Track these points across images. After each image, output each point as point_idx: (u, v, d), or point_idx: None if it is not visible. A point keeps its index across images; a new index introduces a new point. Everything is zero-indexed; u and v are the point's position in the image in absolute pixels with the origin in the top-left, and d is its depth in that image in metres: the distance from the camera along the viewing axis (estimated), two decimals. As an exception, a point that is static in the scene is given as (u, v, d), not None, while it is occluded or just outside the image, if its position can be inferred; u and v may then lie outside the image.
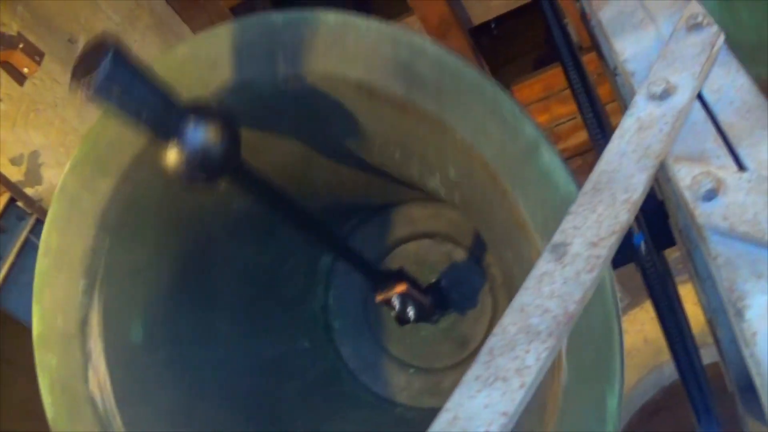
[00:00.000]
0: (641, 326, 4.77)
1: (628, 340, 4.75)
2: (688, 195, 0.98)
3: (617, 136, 1.10)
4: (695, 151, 1.06)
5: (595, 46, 1.61)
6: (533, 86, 4.20)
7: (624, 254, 1.46)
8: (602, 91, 1.87)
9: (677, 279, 1.58)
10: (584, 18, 1.65)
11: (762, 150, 1.02)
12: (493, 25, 4.73)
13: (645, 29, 1.31)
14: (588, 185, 1.05)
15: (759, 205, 0.93)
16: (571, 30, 3.15)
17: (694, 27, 1.23)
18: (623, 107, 1.28)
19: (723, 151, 1.05)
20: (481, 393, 0.89)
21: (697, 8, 1.27)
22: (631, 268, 1.48)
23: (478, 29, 4.28)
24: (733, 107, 1.10)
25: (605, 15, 1.38)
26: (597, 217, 1.00)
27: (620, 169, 1.05)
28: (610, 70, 1.44)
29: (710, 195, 0.97)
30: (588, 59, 1.99)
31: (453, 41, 3.82)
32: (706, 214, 0.96)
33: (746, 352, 0.90)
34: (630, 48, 1.29)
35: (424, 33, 3.84)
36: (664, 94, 1.12)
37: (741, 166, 1.02)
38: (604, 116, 1.68)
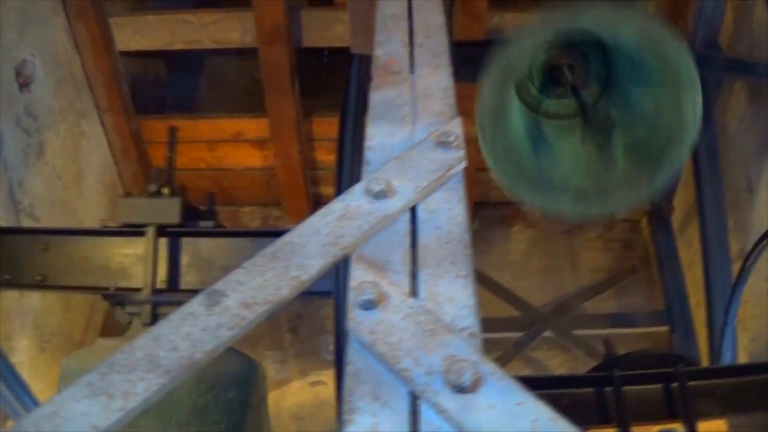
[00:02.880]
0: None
1: (327, 391, 4.80)
2: (350, 296, 0.99)
3: (320, 214, 1.10)
4: (381, 259, 1.07)
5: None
6: (332, 124, 4.21)
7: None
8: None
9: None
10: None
11: (439, 284, 1.03)
12: (325, 53, 4.75)
13: (402, 126, 1.32)
14: (270, 248, 1.05)
15: (407, 333, 0.95)
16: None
17: (443, 144, 1.24)
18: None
19: (405, 270, 1.06)
20: (86, 400, 0.91)
21: (456, 128, 1.29)
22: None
23: (312, 51, 4.29)
24: (436, 233, 1.11)
25: (376, 97, 1.38)
26: (262, 282, 1.00)
27: (306, 246, 1.05)
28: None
29: (368, 305, 0.97)
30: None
31: (276, 52, 3.80)
32: (357, 321, 0.96)
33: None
34: (379, 137, 1.29)
35: (254, 32, 3.79)
36: (381, 195, 1.13)
37: (414, 291, 1.04)
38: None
